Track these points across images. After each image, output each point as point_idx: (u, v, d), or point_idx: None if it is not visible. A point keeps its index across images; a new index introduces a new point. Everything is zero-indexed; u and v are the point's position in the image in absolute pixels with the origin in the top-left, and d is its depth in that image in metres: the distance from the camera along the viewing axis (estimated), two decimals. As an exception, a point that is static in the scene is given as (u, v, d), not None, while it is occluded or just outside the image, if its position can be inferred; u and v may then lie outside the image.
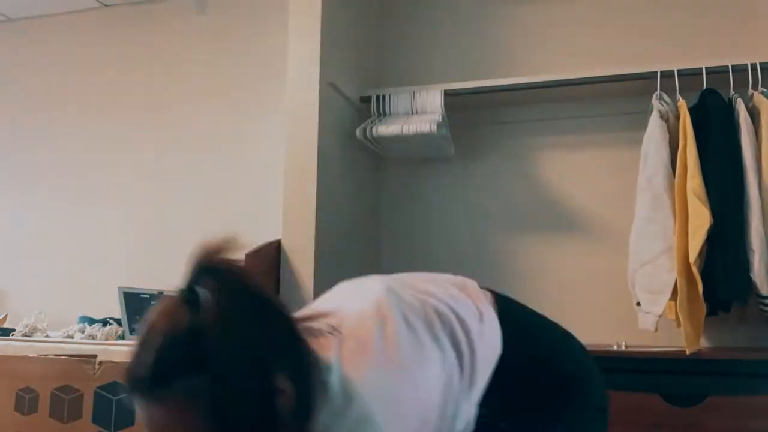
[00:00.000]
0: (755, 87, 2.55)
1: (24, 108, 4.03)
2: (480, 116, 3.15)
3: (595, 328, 2.88)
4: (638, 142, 2.66)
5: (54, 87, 3.98)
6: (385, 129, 2.91)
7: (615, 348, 2.53)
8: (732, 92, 2.57)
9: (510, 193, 3.10)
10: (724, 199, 2.40)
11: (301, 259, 2.63)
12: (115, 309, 2.88)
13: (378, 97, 3.01)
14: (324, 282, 2.66)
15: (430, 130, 2.82)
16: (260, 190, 3.42)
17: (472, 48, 3.25)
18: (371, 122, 2.97)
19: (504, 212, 3.10)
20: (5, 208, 3.98)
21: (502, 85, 2.90)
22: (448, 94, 2.91)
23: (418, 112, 2.93)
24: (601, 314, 2.88)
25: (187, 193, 3.60)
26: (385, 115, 3.00)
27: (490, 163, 3.13)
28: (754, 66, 2.56)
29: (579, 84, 2.82)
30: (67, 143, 3.90)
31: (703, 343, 2.58)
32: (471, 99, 2.99)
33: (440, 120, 2.87)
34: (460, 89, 2.94)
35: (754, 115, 2.51)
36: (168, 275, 3.71)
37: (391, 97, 2.99)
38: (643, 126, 2.66)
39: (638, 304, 2.48)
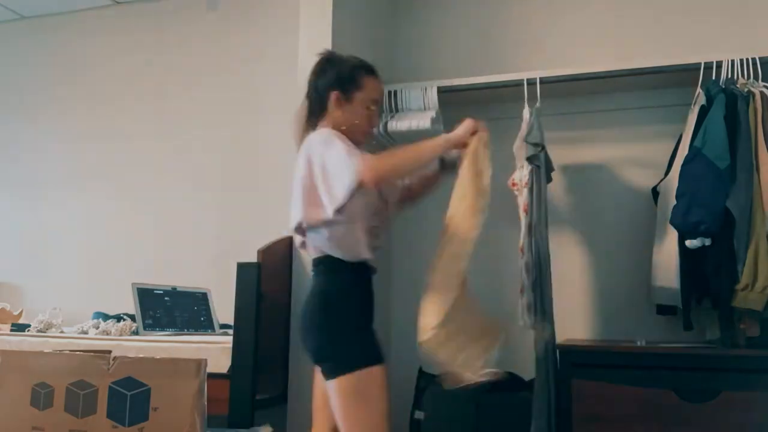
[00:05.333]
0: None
1: (36, 106, 4.06)
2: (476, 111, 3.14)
3: (606, 325, 2.89)
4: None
5: (67, 85, 4.00)
6: (397, 125, 2.93)
7: (637, 344, 2.52)
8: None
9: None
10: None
11: (313, 255, 2.63)
12: (129, 305, 2.90)
13: (390, 93, 3.01)
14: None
15: (419, 126, 2.86)
16: (272, 186, 3.43)
17: (485, 41, 3.25)
18: (386, 118, 2.98)
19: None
20: (20, 207, 4.01)
21: (499, 81, 2.88)
22: (441, 91, 2.92)
23: (429, 108, 2.94)
24: (617, 312, 2.88)
25: (200, 190, 3.62)
26: (397, 110, 3.00)
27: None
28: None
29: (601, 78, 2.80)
30: (79, 141, 3.92)
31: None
32: (476, 94, 2.99)
33: (434, 116, 2.89)
34: (454, 85, 2.94)
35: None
36: (181, 272, 3.74)
37: (403, 93, 2.99)
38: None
39: None
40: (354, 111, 2.06)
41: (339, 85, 2.06)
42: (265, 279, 2.48)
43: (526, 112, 2.74)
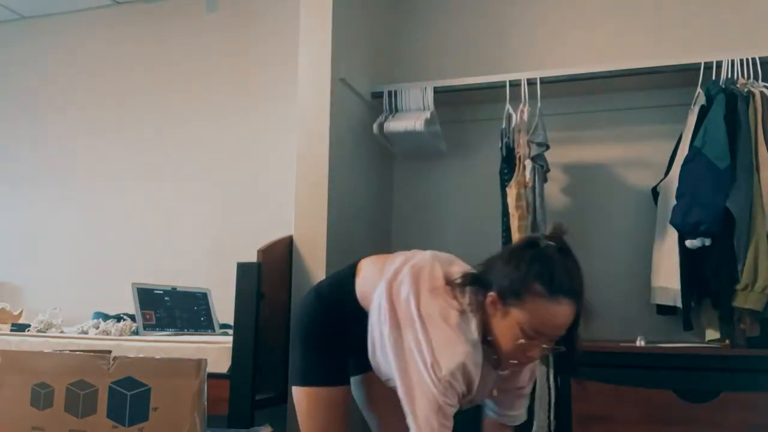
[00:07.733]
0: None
1: (37, 106, 4.06)
2: (475, 111, 3.16)
3: (606, 325, 2.88)
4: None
5: (67, 85, 4.00)
6: (394, 125, 2.92)
7: (638, 344, 2.52)
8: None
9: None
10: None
11: (313, 254, 2.63)
12: (129, 305, 2.90)
13: (390, 93, 3.01)
14: (336, 278, 2.67)
15: (414, 127, 2.87)
16: (272, 186, 3.43)
17: (484, 41, 3.25)
18: (385, 117, 2.98)
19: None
20: (20, 206, 4.01)
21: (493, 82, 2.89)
22: (438, 91, 2.92)
23: (428, 108, 2.94)
24: (617, 312, 2.88)
25: (200, 190, 3.62)
26: (397, 110, 3.00)
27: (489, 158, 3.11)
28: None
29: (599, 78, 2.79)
30: (79, 141, 3.92)
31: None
32: (475, 94, 2.99)
33: (428, 117, 2.89)
34: (451, 85, 2.94)
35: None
36: (181, 271, 3.74)
37: (403, 93, 2.99)
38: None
39: None
40: (503, 328, 1.64)
41: (501, 287, 1.64)
42: (265, 279, 2.48)
43: (524, 111, 2.73)
